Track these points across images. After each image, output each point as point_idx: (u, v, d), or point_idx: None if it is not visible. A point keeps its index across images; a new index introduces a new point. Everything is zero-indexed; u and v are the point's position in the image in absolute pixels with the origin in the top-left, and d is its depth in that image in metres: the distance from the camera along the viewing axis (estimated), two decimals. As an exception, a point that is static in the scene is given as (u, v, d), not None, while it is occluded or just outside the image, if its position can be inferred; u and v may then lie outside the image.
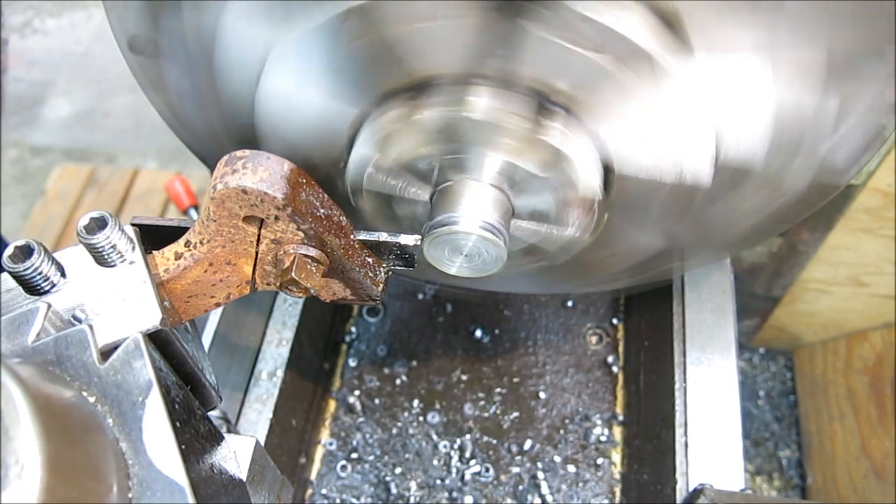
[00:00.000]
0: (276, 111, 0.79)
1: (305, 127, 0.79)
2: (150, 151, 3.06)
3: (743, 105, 0.70)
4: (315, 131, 0.79)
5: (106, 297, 0.53)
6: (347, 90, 0.73)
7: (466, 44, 0.66)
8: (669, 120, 0.70)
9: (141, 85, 0.87)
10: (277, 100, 0.78)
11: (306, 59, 0.72)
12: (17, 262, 0.52)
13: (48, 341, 0.46)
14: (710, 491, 0.94)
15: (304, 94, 0.75)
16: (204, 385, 0.59)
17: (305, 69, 0.73)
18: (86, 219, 0.54)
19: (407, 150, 0.73)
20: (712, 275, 1.18)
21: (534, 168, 0.72)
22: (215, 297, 0.63)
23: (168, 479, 0.41)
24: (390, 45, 0.67)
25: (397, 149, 0.73)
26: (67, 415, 0.41)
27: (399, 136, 0.72)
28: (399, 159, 0.75)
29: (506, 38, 0.65)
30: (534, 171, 0.72)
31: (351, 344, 1.37)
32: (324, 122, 0.78)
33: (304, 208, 0.58)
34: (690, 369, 1.10)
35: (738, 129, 0.72)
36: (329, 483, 1.24)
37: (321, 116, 0.77)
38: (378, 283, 0.68)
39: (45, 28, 3.57)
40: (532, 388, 1.30)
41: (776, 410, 2.09)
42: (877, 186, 1.30)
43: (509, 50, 0.66)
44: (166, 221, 0.63)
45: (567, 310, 1.38)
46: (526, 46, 0.65)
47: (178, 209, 2.14)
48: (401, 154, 0.74)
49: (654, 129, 0.71)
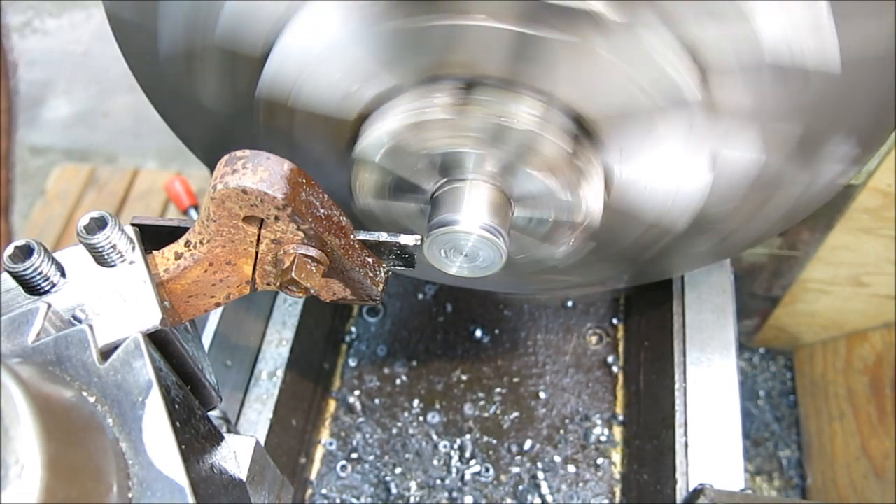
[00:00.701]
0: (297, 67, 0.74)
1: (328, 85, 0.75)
2: (150, 151, 3.06)
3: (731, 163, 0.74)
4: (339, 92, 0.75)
5: (106, 297, 0.53)
6: (394, 59, 0.70)
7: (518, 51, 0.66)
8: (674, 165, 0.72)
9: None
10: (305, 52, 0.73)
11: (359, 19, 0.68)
12: (16, 262, 0.52)
13: (48, 341, 0.46)
14: (710, 491, 0.94)
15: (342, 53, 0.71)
16: (204, 385, 0.59)
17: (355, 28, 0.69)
18: (86, 219, 0.54)
19: (441, 140, 0.72)
20: (712, 275, 1.18)
21: (557, 188, 0.73)
22: (215, 297, 0.63)
23: (168, 479, 0.41)
24: (454, 32, 0.66)
25: (432, 136, 0.72)
26: (67, 415, 0.41)
27: (440, 125, 0.71)
28: (429, 147, 0.73)
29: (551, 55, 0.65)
30: (556, 191, 0.73)
31: (351, 344, 1.37)
32: (352, 84, 0.74)
33: (304, 208, 0.58)
34: (690, 369, 1.10)
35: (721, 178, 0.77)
36: (329, 483, 1.24)
37: (351, 79, 0.73)
38: (378, 283, 0.68)
39: (45, 28, 3.57)
40: (532, 388, 1.30)
41: (776, 410, 2.09)
42: (877, 186, 1.29)
43: (554, 67, 0.66)
44: (166, 221, 0.63)
45: (567, 310, 1.38)
46: (575, 67, 0.66)
47: (178, 209, 2.14)
48: (434, 143, 0.72)
49: (661, 172, 0.74)
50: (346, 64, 0.70)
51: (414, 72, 0.69)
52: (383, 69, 0.70)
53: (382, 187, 0.79)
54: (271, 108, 0.76)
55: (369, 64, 0.69)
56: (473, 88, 0.69)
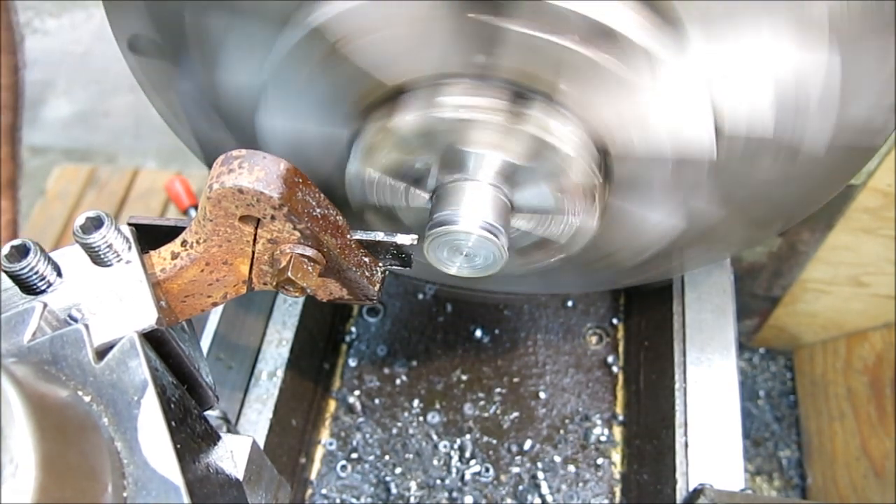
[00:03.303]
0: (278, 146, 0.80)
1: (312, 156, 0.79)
2: (150, 151, 3.06)
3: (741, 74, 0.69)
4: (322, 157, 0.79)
5: (102, 296, 0.53)
6: (332, 113, 0.74)
7: (427, 46, 0.66)
8: (662, 99, 0.69)
9: (141, 85, 0.87)
10: (276, 135, 0.79)
11: (286, 93, 0.73)
12: (13, 261, 0.52)
13: (44, 341, 0.46)
14: (710, 491, 0.94)
15: (298, 126, 0.76)
16: (200, 385, 0.59)
17: (291, 102, 0.73)
18: (82, 218, 0.54)
19: (389, 157, 0.74)
20: (712, 275, 1.18)
21: (516, 159, 0.72)
22: (212, 297, 0.63)
23: (163, 478, 0.41)
24: (355, 60, 0.67)
25: (380, 158, 0.74)
26: (62, 414, 0.41)
27: (380, 146, 0.73)
28: (386, 167, 0.76)
29: (472, 34, 0.65)
30: (517, 162, 0.72)
31: (351, 344, 1.37)
32: (325, 149, 0.78)
33: (300, 208, 0.58)
34: (690, 369, 1.10)
35: (739, 99, 0.71)
36: (329, 483, 1.24)
37: (321, 145, 0.77)
38: (375, 282, 0.68)
39: (45, 28, 3.58)
40: (532, 388, 1.30)
41: (776, 410, 2.09)
42: (877, 186, 1.29)
43: (476, 46, 0.66)
44: (163, 221, 0.63)
45: (567, 310, 1.38)
46: (495, 40, 0.65)
47: (178, 209, 2.14)
48: (385, 163, 0.74)
49: (646, 109, 0.70)
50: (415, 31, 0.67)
51: (475, 66, 0.69)
52: (450, 53, 0.68)
53: (393, 164, 0.77)
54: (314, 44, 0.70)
55: (437, 42, 0.67)
56: (523, 100, 0.70)
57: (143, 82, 0.87)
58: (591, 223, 0.79)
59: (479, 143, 0.71)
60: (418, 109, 0.70)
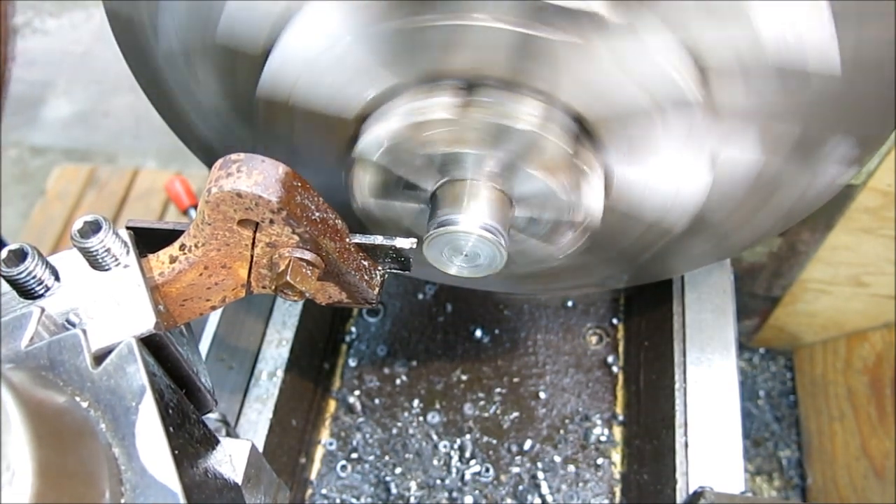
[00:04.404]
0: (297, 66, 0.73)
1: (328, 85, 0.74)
2: (150, 151, 3.06)
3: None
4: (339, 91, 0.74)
5: (100, 300, 0.53)
6: (395, 59, 0.70)
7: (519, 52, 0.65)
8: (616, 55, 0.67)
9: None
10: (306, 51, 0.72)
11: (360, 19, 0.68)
12: (10, 265, 0.52)
13: (41, 346, 0.46)
14: (711, 494, 0.94)
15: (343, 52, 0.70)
16: (199, 389, 0.59)
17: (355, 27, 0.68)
18: (80, 222, 0.54)
19: (442, 140, 0.71)
20: (712, 275, 1.18)
21: (558, 188, 0.73)
22: (210, 301, 0.63)
23: (161, 484, 0.41)
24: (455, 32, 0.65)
25: (433, 136, 0.71)
26: (60, 420, 0.41)
27: (441, 125, 0.70)
28: (375, 192, 0.77)
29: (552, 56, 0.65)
30: (557, 191, 0.73)
31: (351, 344, 1.37)
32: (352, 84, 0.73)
33: (298, 212, 0.58)
34: (690, 369, 1.10)
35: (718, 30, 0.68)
36: (329, 483, 1.24)
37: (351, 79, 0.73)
38: (374, 286, 0.68)
39: (45, 28, 3.57)
40: (532, 388, 1.30)
41: (776, 410, 2.09)
42: (877, 186, 1.29)
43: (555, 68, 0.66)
44: (161, 224, 0.62)
45: (567, 310, 1.38)
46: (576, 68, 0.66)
47: (178, 209, 2.14)
48: (434, 142, 0.72)
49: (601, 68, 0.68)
50: (346, 63, 0.69)
51: (415, 72, 0.69)
52: (384, 69, 0.69)
53: (382, 186, 0.78)
54: (271, 107, 0.76)
55: (370, 64, 0.69)
56: (474, 89, 0.69)
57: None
58: (592, 193, 0.77)
59: (537, 162, 0.71)
60: (373, 127, 0.72)
